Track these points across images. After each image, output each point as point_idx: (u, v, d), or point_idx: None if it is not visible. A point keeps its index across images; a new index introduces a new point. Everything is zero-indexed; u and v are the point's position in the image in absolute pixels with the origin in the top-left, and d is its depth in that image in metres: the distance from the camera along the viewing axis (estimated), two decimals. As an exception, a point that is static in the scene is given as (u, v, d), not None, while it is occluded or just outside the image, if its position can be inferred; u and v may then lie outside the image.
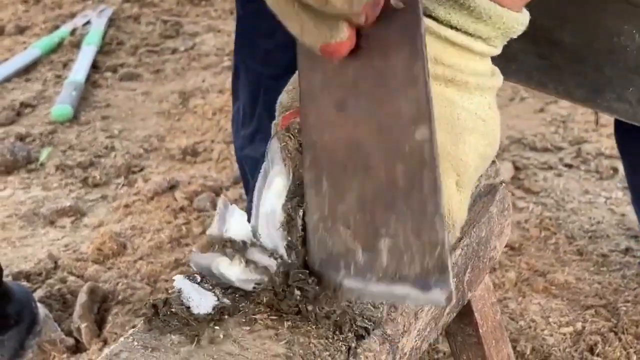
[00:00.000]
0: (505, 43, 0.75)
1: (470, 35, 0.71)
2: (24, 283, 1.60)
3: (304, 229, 0.69)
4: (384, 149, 0.65)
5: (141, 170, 2.05)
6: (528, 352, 1.41)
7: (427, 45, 0.65)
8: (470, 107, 0.72)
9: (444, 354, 1.41)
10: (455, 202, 0.71)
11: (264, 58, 1.34)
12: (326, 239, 0.68)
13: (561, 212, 1.80)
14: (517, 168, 1.98)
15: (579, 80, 1.03)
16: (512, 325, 1.47)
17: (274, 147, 0.71)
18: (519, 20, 0.72)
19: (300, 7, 0.61)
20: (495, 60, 0.76)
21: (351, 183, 0.67)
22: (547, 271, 1.61)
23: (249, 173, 1.45)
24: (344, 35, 0.62)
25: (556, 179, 1.93)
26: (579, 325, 1.47)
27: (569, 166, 1.99)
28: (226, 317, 0.68)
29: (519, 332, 1.46)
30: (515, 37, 0.74)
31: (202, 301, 0.70)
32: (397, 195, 0.65)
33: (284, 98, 0.78)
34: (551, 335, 1.45)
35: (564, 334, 1.46)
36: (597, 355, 1.41)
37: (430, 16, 0.71)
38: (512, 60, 0.76)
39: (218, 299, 0.69)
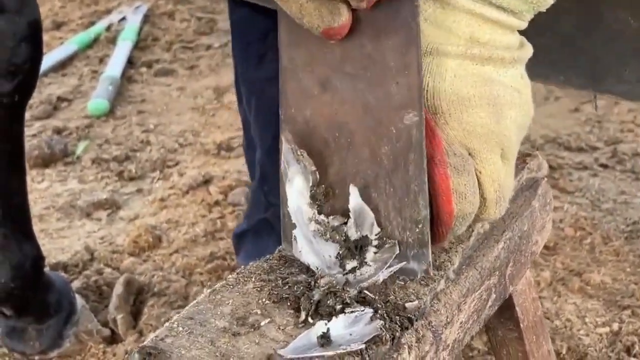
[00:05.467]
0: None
1: (503, 10, 0.72)
2: (62, 274, 1.62)
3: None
4: (369, 129, 0.66)
5: (176, 164, 2.07)
6: (564, 351, 1.40)
7: (462, 23, 0.65)
8: (506, 81, 0.73)
9: (479, 351, 1.41)
10: (502, 175, 0.72)
11: (258, 63, 1.34)
12: None
13: (596, 212, 1.78)
14: (551, 167, 1.96)
15: (578, 70, 1.06)
16: (548, 324, 1.46)
17: (286, 149, 0.71)
18: None
19: None
20: None
21: (332, 158, 0.68)
22: (582, 271, 1.60)
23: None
24: (345, 18, 0.62)
25: (591, 179, 1.92)
26: (615, 325, 1.46)
27: (605, 166, 1.97)
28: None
29: (555, 331, 1.45)
30: (543, 10, 0.75)
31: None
32: (380, 174, 0.66)
33: None
34: (587, 335, 1.44)
35: (600, 335, 1.44)
36: (634, 356, 1.39)
37: None
38: None
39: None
